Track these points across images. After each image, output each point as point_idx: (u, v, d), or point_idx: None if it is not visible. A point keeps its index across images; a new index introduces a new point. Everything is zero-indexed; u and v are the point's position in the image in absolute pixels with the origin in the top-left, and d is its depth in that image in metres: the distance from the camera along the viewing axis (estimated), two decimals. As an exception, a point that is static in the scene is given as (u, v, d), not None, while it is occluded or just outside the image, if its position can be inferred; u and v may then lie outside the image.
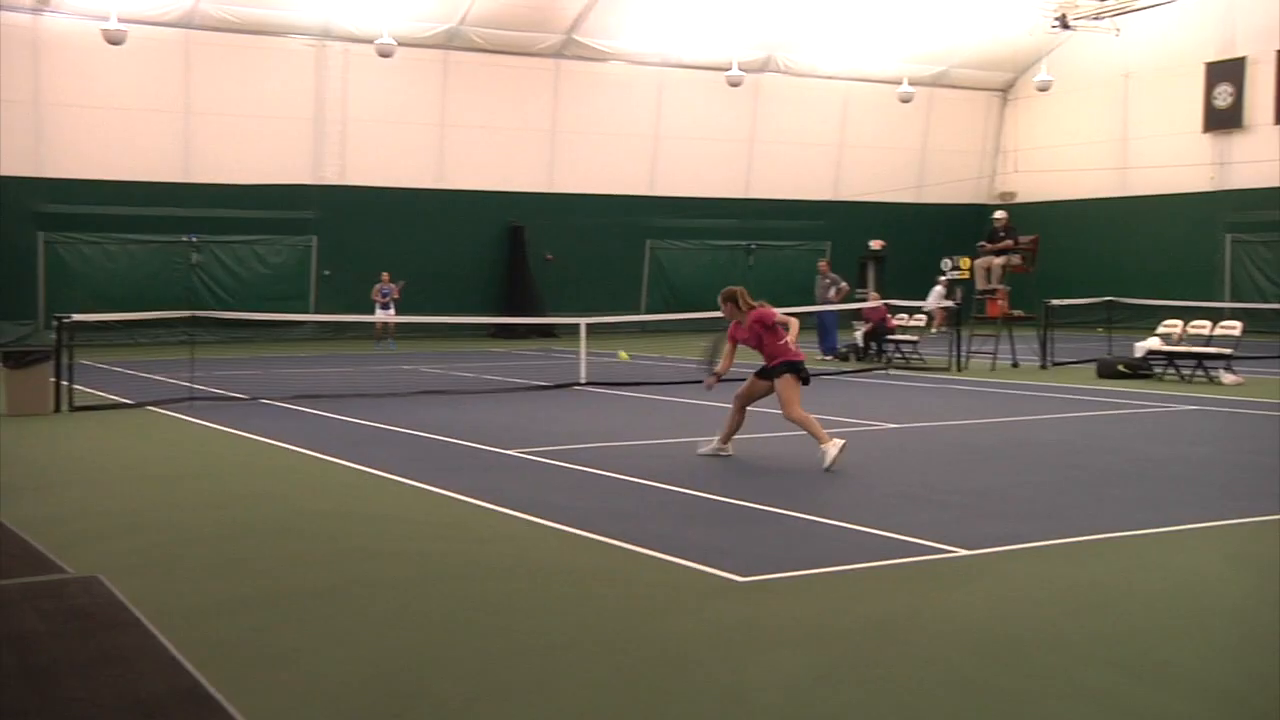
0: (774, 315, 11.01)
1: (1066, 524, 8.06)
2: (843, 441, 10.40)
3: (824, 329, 24.23)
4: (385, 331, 27.42)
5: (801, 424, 10.65)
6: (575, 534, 7.79)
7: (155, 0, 28.18)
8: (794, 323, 11.32)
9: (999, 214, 23.18)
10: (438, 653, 5.47)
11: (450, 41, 31.47)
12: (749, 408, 11.20)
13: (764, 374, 11.03)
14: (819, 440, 10.41)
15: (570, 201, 33.45)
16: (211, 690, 4.88)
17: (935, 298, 31.03)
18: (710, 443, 11.15)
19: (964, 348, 21.10)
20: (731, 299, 11.19)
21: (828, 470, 10.09)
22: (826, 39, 34.81)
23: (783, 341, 10.92)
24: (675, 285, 35.09)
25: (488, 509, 8.65)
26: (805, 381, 10.90)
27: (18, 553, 7.30)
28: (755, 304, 11.17)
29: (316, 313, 29.79)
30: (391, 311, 26.73)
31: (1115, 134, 35.51)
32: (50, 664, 5.21)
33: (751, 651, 5.47)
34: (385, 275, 27.49)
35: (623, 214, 34.14)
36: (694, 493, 9.21)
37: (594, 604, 6.24)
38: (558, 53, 32.76)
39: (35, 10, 27.30)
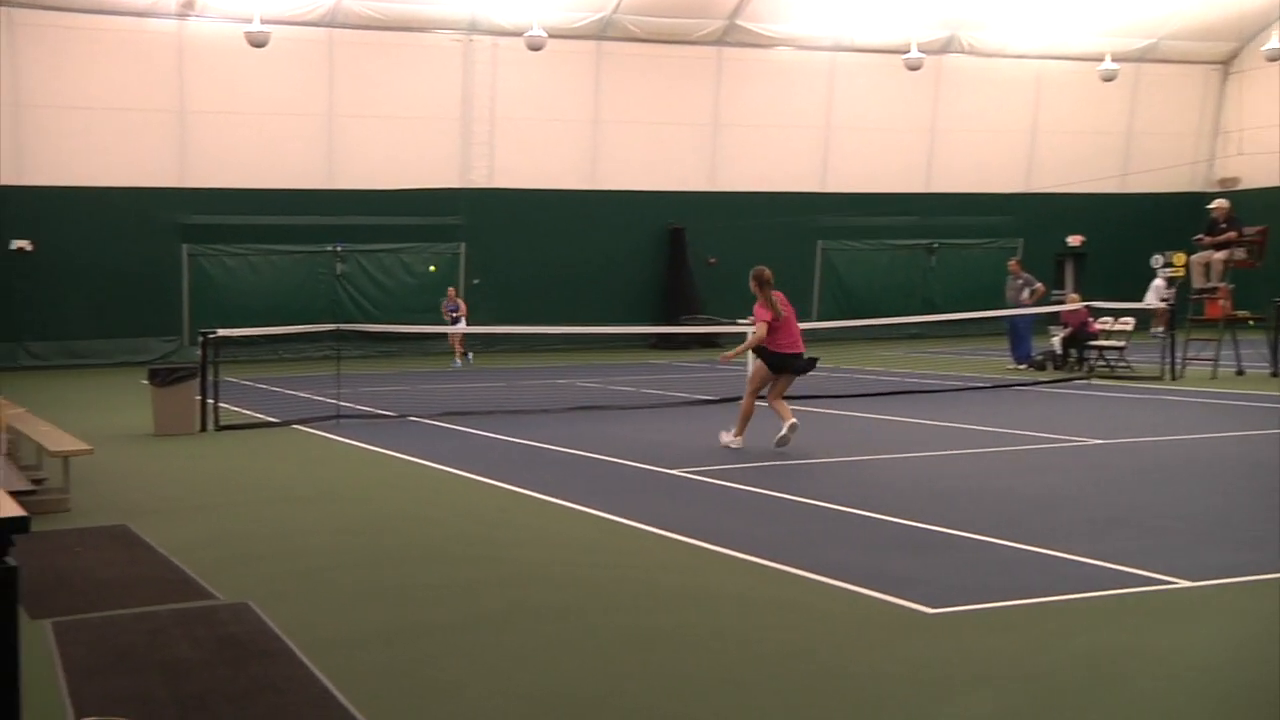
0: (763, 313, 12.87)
1: (1304, 553, 7.73)
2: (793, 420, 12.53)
3: (1017, 335, 23.73)
4: (461, 347, 27.90)
5: (747, 412, 12.86)
6: (748, 560, 7.78)
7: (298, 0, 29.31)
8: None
9: (1219, 202, 22.28)
10: (605, 688, 5.53)
11: (604, 31, 31.86)
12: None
13: (783, 365, 12.92)
14: (738, 429, 12.74)
15: (734, 200, 33.48)
16: (367, 723, 5.02)
17: (1155, 293, 30.17)
18: (729, 433, 12.86)
19: (1179, 353, 20.39)
20: (757, 280, 12.95)
21: (778, 445, 12.34)
22: (1016, 13, 34.09)
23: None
24: (850, 289, 34.78)
25: (652, 533, 8.71)
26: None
27: (167, 576, 7.65)
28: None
29: (467, 324, 30.40)
30: (462, 324, 26.98)
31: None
32: (203, 693, 5.45)
33: (945, 691, 5.38)
34: (451, 291, 28.32)
35: (792, 213, 33.98)
36: (876, 515, 9.12)
37: (771, 637, 6.23)
38: (719, 39, 32.85)
39: (180, 15, 28.65)
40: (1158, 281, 31.03)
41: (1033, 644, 5.98)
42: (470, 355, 27.99)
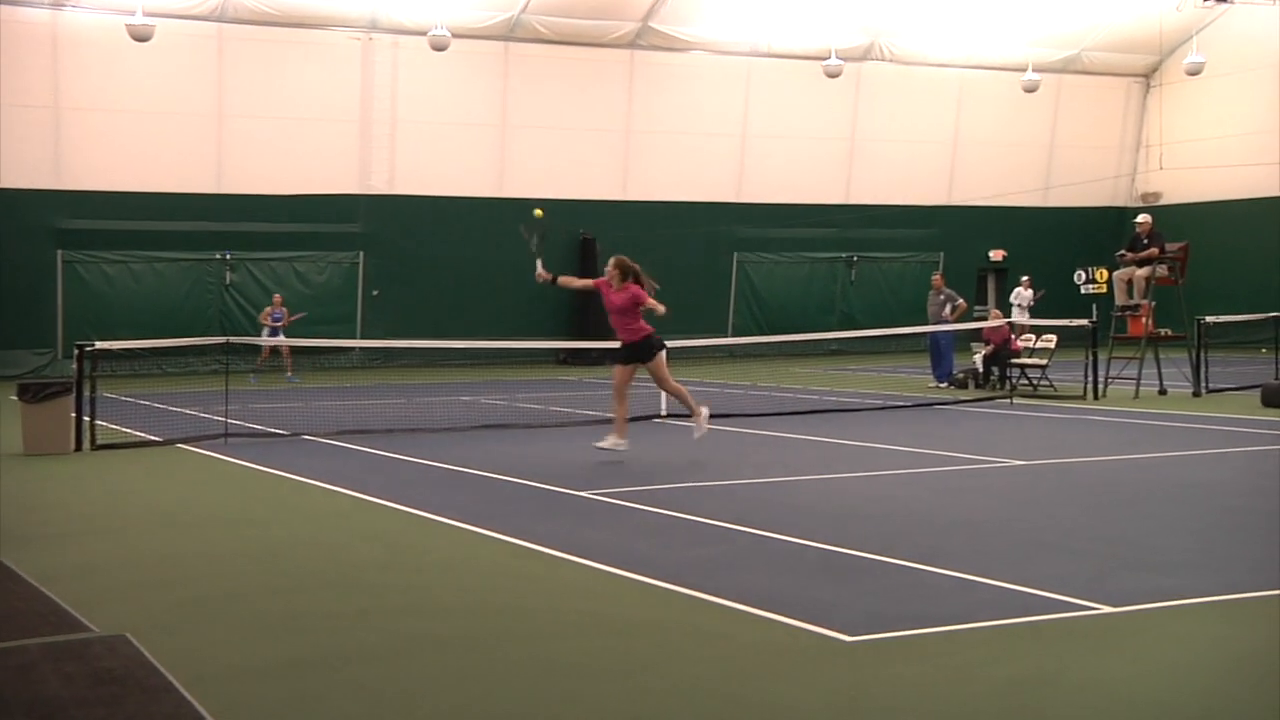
0: (646, 298, 13.96)
1: (1226, 578, 7.91)
2: (708, 411, 13.83)
3: (938, 352, 24.07)
4: (279, 360, 26.90)
5: (678, 395, 13.85)
6: (660, 587, 7.79)
7: (185, -8, 28.95)
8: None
9: (1141, 218, 22.79)
10: (506, 722, 5.48)
11: (511, 32, 31.84)
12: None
13: (630, 356, 13.86)
14: (693, 412, 13.79)
15: (647, 210, 33.60)
16: (255, 763, 4.94)
17: (1018, 308, 30.77)
18: (607, 440, 13.45)
19: (1102, 372, 20.81)
20: (624, 269, 14.24)
21: (698, 439, 13.56)
22: (937, 21, 34.67)
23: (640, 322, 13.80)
24: (767, 303, 35.07)
25: (560, 558, 8.70)
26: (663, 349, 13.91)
27: (38, 608, 7.47)
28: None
29: (364, 337, 30.19)
30: (282, 337, 25.85)
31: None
32: (77, 732, 5.31)
33: (864, 723, 5.42)
34: (278, 298, 27.43)
35: (706, 223, 34.19)
36: (791, 539, 9.18)
37: (686, 666, 6.24)
38: (632, 42, 32.99)
39: (55, 5, 28.12)
40: (1022, 290, 31.47)
41: (954, 673, 6.06)
42: (295, 375, 26.80)
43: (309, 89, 30.46)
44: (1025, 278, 31.46)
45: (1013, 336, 23.14)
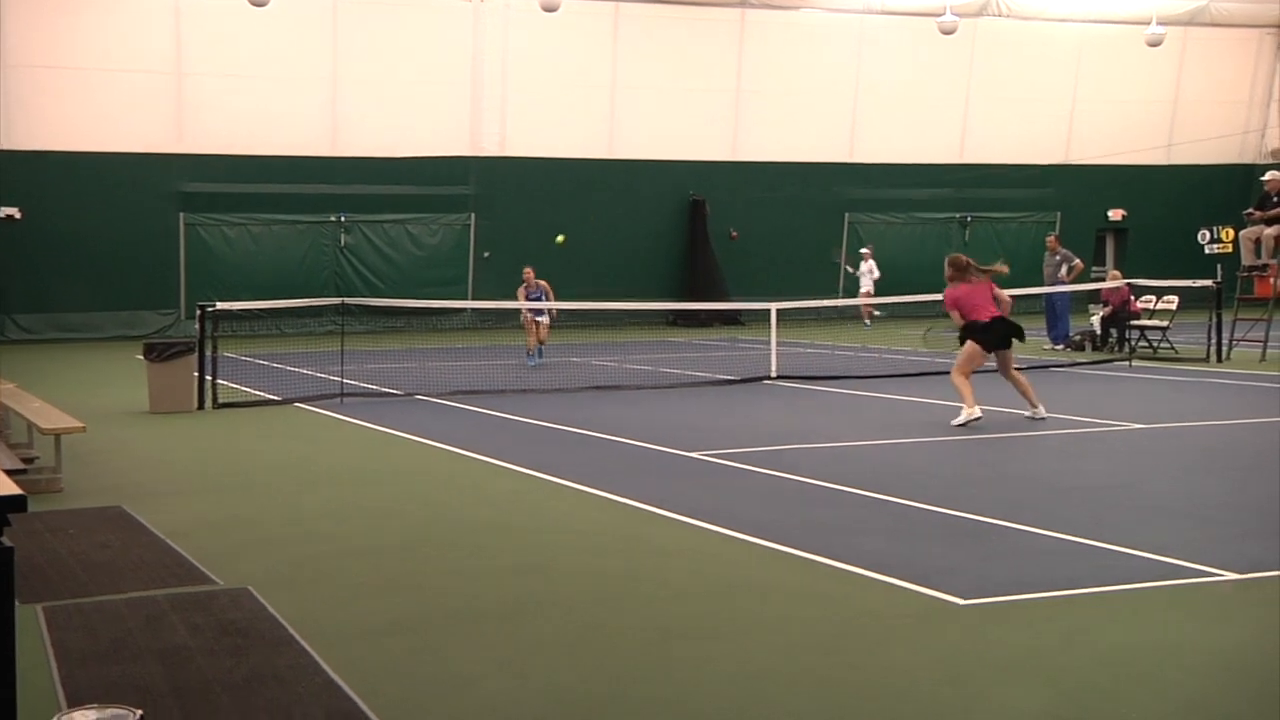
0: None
1: (1358, 545, 7.70)
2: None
3: (1054, 314, 23.67)
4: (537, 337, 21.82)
5: (1018, 384, 13.63)
6: (772, 549, 7.79)
7: (300, -43, 29.30)
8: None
9: (1270, 175, 22.15)
10: (624, 682, 5.55)
11: (621, -8, 31.80)
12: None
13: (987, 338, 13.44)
14: (1031, 401, 13.41)
15: (757, 171, 33.41)
16: (374, 717, 5.05)
17: (867, 276, 30.53)
18: (962, 413, 13.01)
19: (1226, 334, 20.30)
20: (964, 268, 13.65)
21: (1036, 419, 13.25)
22: (1057, -26, 33.91)
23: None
24: (879, 263, 34.69)
25: (671, 519, 8.73)
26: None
27: (165, 560, 7.70)
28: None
29: (475, 299, 30.48)
30: (545, 318, 21.84)
31: None
32: (201, 683, 5.48)
33: (977, 686, 5.39)
34: (529, 271, 22.37)
35: (818, 184, 33.91)
36: (906, 502, 9.12)
37: (796, 629, 6.24)
38: (742, 1, 32.72)
39: (175, -27, 28.66)
40: (865, 266, 31.23)
41: (1069, 638, 5.98)
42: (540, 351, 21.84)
43: (421, 52, 30.71)
44: (865, 250, 31.42)
45: (1132, 298, 22.67)
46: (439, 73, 30.93)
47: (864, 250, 32.36)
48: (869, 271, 31.85)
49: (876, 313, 31.07)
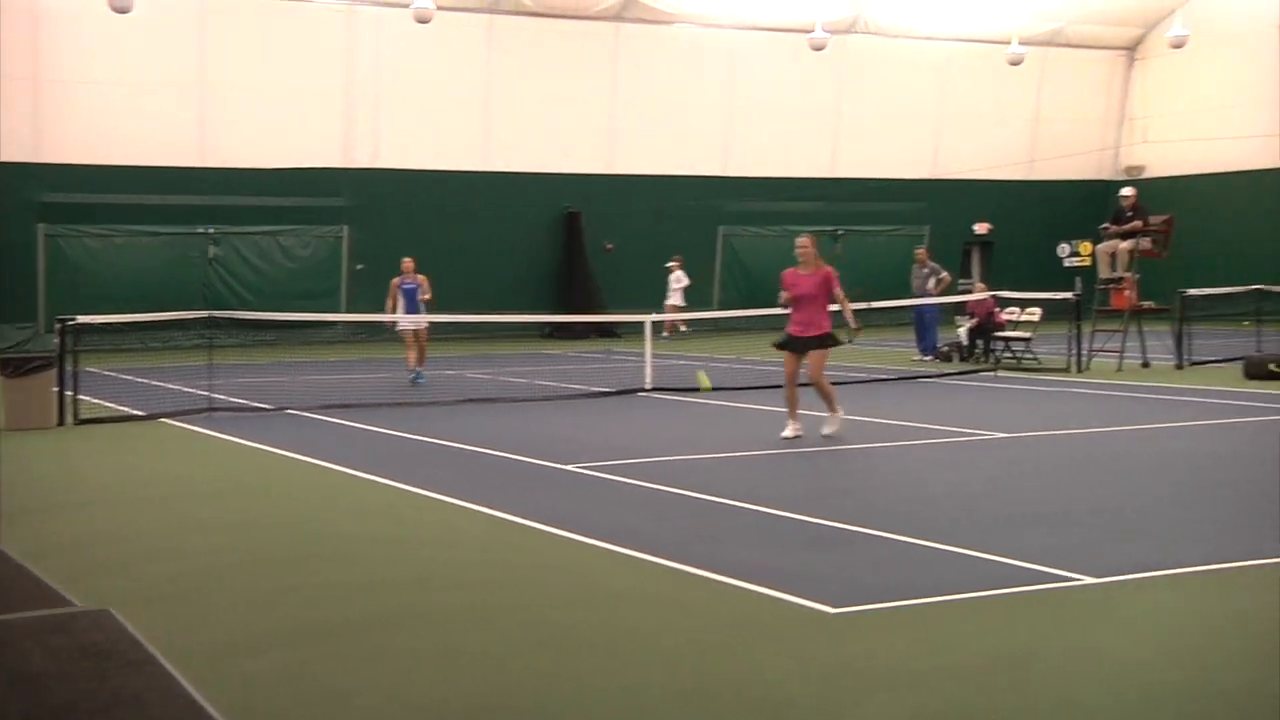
0: (838, 283, 13.43)
1: (1211, 548, 7.92)
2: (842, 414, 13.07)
3: (923, 326, 24.09)
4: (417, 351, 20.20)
5: (826, 394, 13.02)
6: (645, 560, 7.79)
7: (167, -36, 28.70)
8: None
9: (1126, 191, 22.87)
10: (497, 695, 5.49)
11: (496, 4, 31.66)
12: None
13: (798, 345, 13.07)
14: (833, 410, 12.99)
15: (632, 184, 33.52)
16: (239, 737, 4.93)
17: (675, 292, 31.23)
18: (789, 426, 12.86)
19: (1085, 345, 20.84)
20: (813, 244, 13.46)
21: (826, 436, 12.75)
22: (922, -6, 34.60)
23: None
24: (752, 276, 34.96)
25: (545, 532, 8.69)
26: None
27: (21, 584, 7.43)
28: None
29: (348, 312, 30.09)
30: (423, 318, 20.33)
31: (1264, 96, 34.69)
32: (59, 708, 5.29)
33: (849, 694, 5.44)
34: (409, 262, 20.77)
35: (692, 197, 34.12)
36: (776, 512, 9.18)
37: (669, 639, 6.24)
38: (617, 15, 32.85)
39: (35, -23, 27.89)
40: (675, 274, 31.92)
41: (937, 644, 6.06)
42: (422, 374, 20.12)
43: (292, 61, 30.27)
44: (671, 263, 31.80)
45: (997, 309, 23.18)
46: (311, 82, 30.51)
47: (670, 264, 32.24)
48: (677, 282, 31.92)
49: (684, 327, 31.08)
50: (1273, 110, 34.52)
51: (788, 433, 12.82)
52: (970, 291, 25.23)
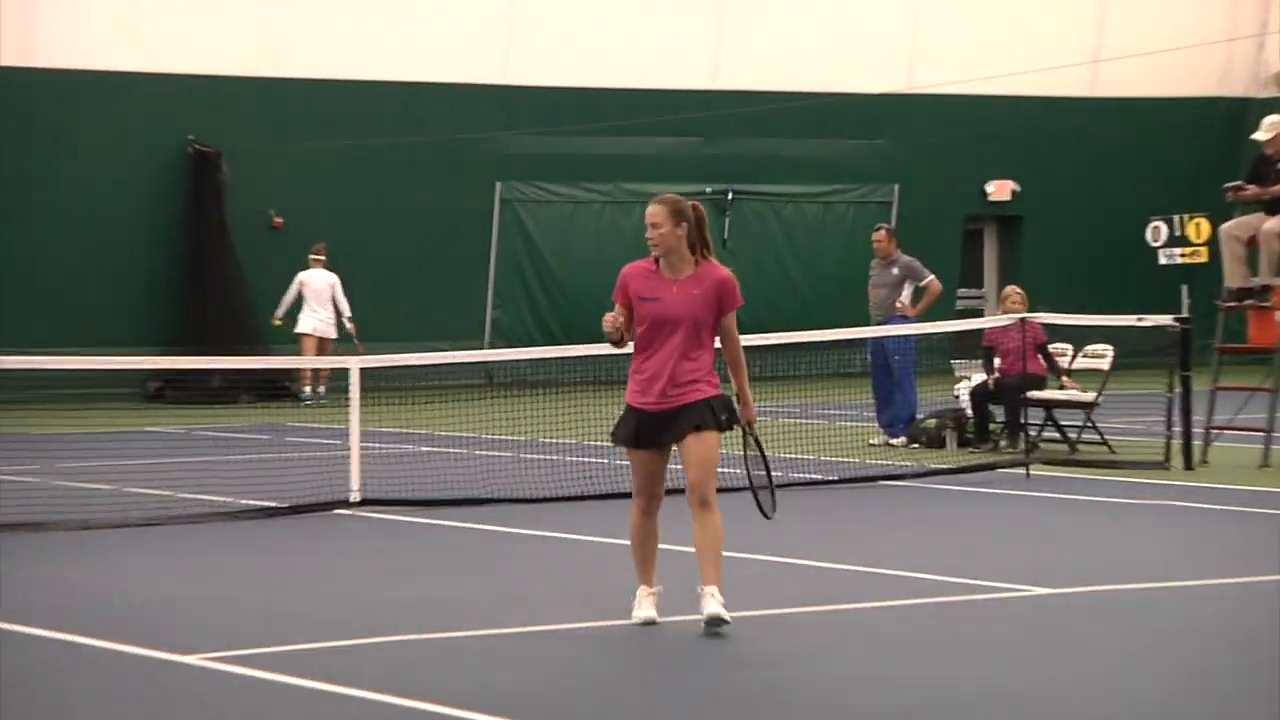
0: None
1: None
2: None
3: (887, 380, 24.00)
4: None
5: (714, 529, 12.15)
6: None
7: None
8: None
9: (1272, 120, 23.01)
10: None
11: None
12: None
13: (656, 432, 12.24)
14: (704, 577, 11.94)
15: (320, 96, 33.72)
16: None
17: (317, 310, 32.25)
18: (642, 600, 12.24)
19: (1199, 417, 21.06)
20: (682, 214, 12.32)
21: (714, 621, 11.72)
22: None
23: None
24: (558, 278, 35.13)
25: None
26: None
27: None
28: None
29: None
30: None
31: None
32: None
33: None
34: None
35: (444, 125, 34.17)
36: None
37: None
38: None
39: None
40: (315, 278, 32.85)
41: None
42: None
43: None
44: (314, 252, 32.72)
45: (1041, 348, 22.87)
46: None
47: (313, 255, 32.37)
48: (317, 297, 32.09)
49: (322, 385, 31.37)
50: None
51: (642, 612, 12.50)
52: (983, 312, 25.57)
